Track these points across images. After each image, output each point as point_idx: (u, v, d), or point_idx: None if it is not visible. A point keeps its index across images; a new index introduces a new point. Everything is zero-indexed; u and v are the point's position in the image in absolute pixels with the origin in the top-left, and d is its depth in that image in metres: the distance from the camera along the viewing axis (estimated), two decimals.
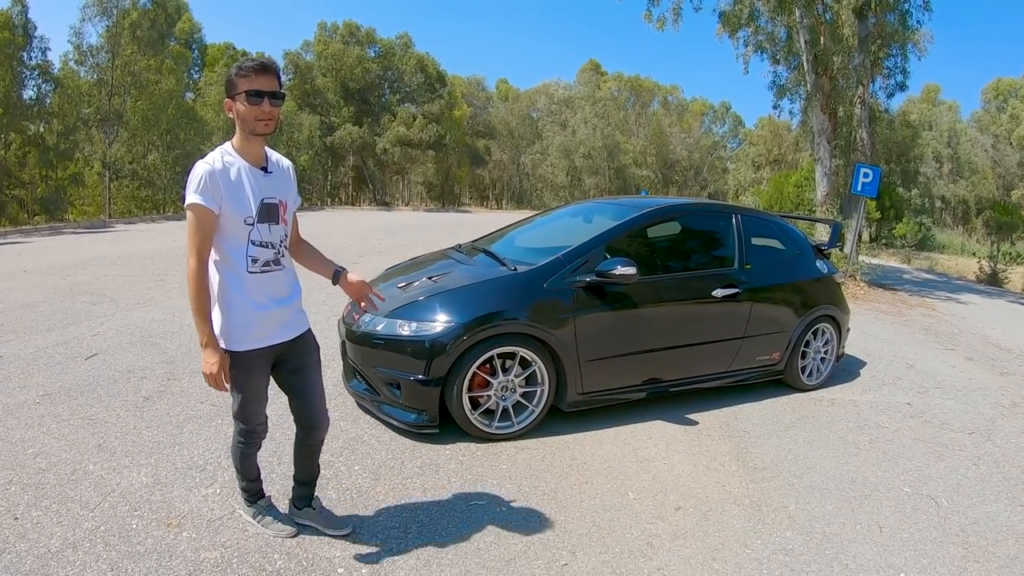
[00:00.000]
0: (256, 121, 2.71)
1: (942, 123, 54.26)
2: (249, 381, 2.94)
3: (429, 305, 4.52)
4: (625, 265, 4.56)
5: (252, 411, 3.02)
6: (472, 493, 3.82)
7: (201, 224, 2.67)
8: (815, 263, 6.21)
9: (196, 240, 2.68)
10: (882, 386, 6.57)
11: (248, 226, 2.76)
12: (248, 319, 2.83)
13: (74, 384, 5.02)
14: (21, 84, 25.52)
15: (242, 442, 3.10)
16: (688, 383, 5.41)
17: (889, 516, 3.91)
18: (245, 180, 2.77)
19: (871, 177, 12.88)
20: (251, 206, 2.76)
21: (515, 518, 3.57)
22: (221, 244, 2.76)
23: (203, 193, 2.63)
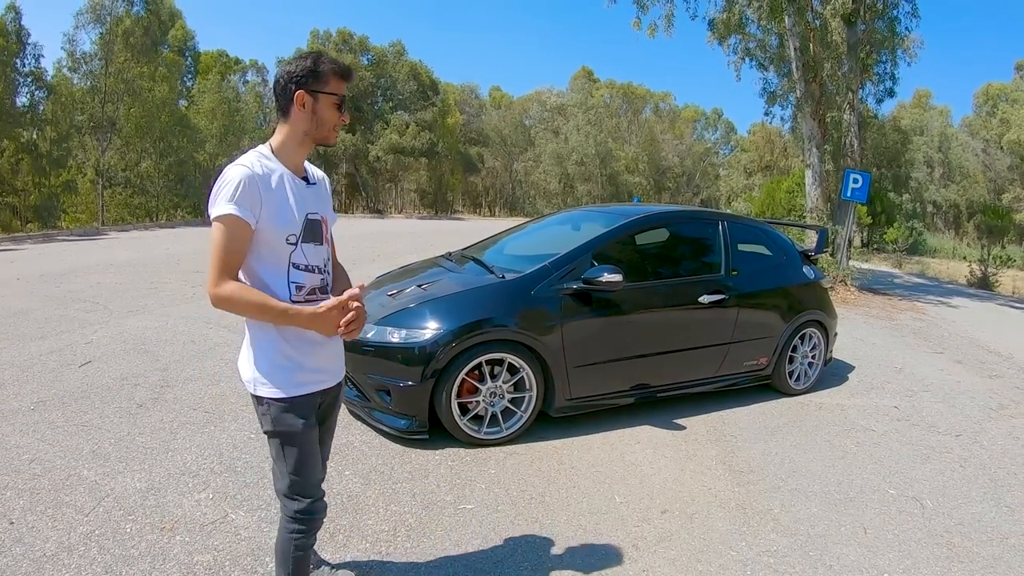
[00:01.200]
0: (331, 130, 2.35)
1: (933, 128, 54.41)
2: (305, 433, 2.38)
3: (418, 312, 4.58)
4: (612, 272, 4.61)
5: (310, 475, 2.43)
6: (461, 497, 3.85)
7: (233, 239, 2.15)
8: (802, 269, 6.28)
9: (224, 259, 2.15)
10: (870, 390, 6.62)
11: (290, 246, 2.29)
12: (294, 357, 2.34)
13: (68, 391, 5.05)
14: (14, 91, 25.40)
15: (300, 531, 2.44)
16: (676, 388, 5.46)
17: (874, 518, 3.96)
18: (288, 190, 2.30)
19: (861, 183, 12.94)
20: (296, 221, 2.30)
21: (503, 522, 3.61)
22: (256, 269, 2.27)
23: (240, 203, 2.13)
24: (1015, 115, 50.90)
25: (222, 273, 2.15)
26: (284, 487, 2.41)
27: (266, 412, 2.34)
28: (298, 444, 2.38)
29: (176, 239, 17.57)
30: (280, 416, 2.33)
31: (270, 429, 2.36)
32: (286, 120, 2.31)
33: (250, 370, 2.34)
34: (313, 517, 2.47)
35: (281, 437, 2.36)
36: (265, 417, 2.36)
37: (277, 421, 2.34)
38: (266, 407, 2.34)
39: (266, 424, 2.36)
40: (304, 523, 2.44)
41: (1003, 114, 52.62)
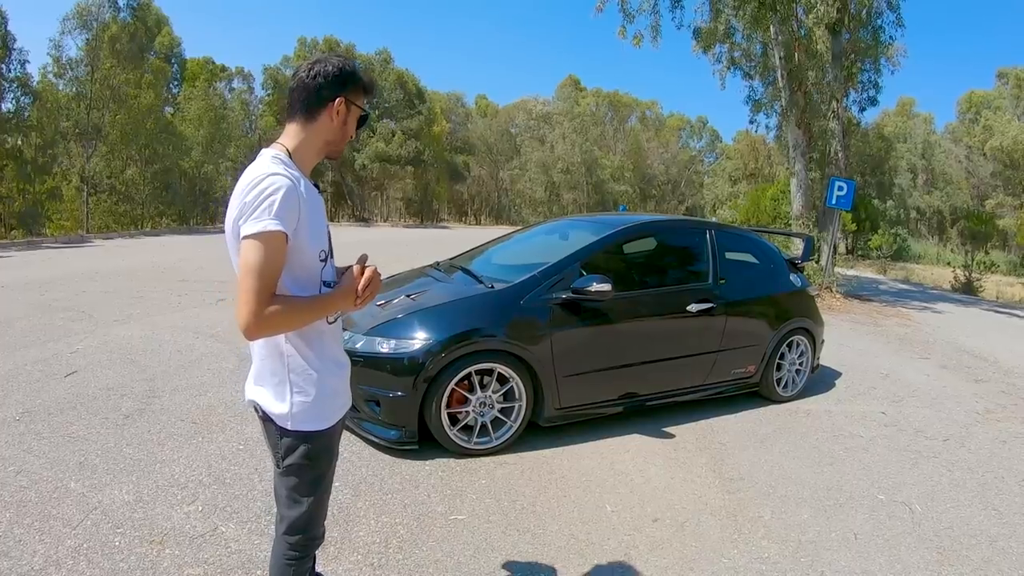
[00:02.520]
0: (344, 143, 2.23)
1: (917, 135, 54.92)
2: (330, 468, 2.32)
3: (408, 323, 4.57)
4: (600, 282, 4.63)
5: (321, 509, 2.36)
6: (452, 508, 3.84)
7: (276, 259, 1.92)
8: (789, 277, 6.32)
9: (266, 282, 1.90)
10: (857, 396, 6.66)
11: (321, 263, 2.13)
12: (333, 385, 2.23)
13: (54, 402, 5.01)
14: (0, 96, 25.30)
15: (297, 557, 2.33)
16: (665, 397, 5.48)
17: (864, 523, 3.98)
18: (317, 201, 2.13)
19: (845, 190, 13.03)
20: (324, 236, 2.14)
21: (494, 532, 3.61)
22: (289, 290, 2.04)
23: (285, 218, 1.91)
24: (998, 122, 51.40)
25: (266, 295, 1.90)
26: (298, 518, 2.26)
27: (300, 446, 2.17)
28: (328, 474, 2.31)
29: (162, 247, 17.50)
30: (318, 449, 2.21)
31: (302, 463, 2.19)
32: (309, 123, 2.12)
33: (286, 405, 2.13)
34: (314, 543, 2.40)
35: (315, 470, 2.23)
36: (296, 452, 2.17)
37: (315, 454, 2.20)
38: (300, 441, 2.17)
39: (296, 458, 2.18)
40: (304, 550, 2.35)
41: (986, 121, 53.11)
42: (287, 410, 2.15)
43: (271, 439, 2.23)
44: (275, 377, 2.16)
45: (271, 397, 2.17)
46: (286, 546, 2.33)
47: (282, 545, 2.34)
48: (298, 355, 2.15)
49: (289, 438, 2.18)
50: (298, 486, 2.24)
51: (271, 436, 2.23)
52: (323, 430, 2.21)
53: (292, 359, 2.15)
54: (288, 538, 2.31)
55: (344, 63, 2.15)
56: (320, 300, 2.09)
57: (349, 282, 2.14)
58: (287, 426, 2.16)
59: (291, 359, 2.15)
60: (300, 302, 2.03)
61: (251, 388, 2.25)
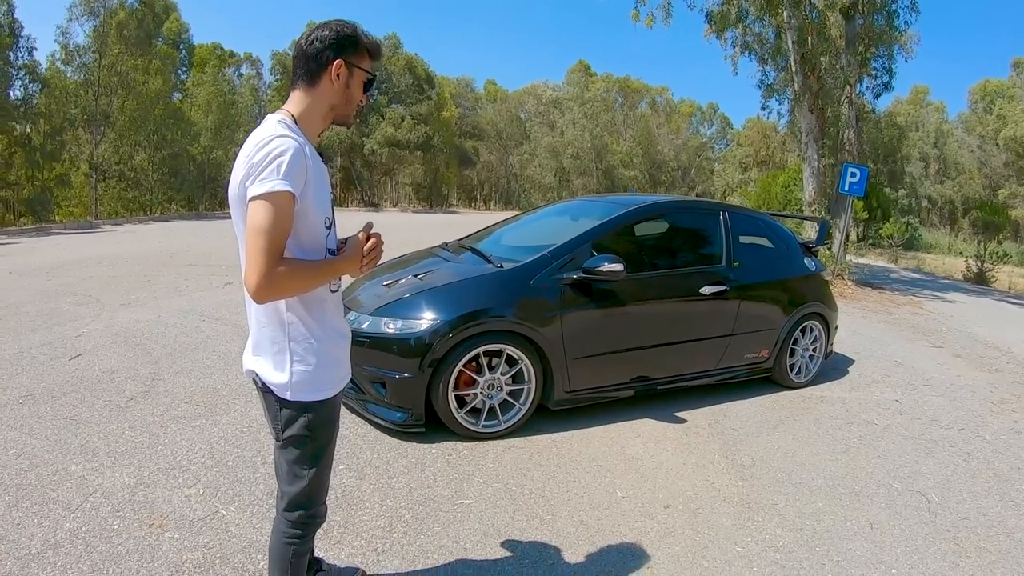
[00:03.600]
0: (351, 108, 2.20)
1: (929, 124, 54.42)
2: (331, 441, 2.31)
3: (414, 303, 4.49)
4: (612, 262, 4.54)
5: (323, 484, 2.34)
6: (458, 492, 3.78)
7: (285, 219, 1.90)
8: (803, 260, 6.21)
9: (277, 242, 1.88)
10: (871, 383, 6.57)
11: (327, 230, 2.12)
12: (334, 354, 2.22)
13: (57, 385, 4.95)
14: (7, 84, 25.20)
15: (299, 536, 2.30)
16: (676, 381, 5.40)
17: (880, 512, 3.90)
18: (322, 169, 2.10)
19: (859, 177, 12.91)
20: (328, 203, 2.14)
21: (502, 517, 3.54)
22: (295, 256, 2.03)
23: (293, 179, 1.90)
24: (1012, 111, 50.93)
25: (275, 256, 1.87)
26: (299, 493, 2.24)
27: (300, 417, 2.15)
28: (329, 447, 2.29)
29: (170, 232, 17.46)
30: (319, 420, 2.18)
31: (302, 434, 2.16)
32: (312, 89, 2.10)
33: (285, 374, 2.10)
34: (316, 521, 2.35)
35: (316, 441, 2.21)
36: (297, 423, 2.15)
37: (316, 425, 2.18)
38: (300, 412, 2.14)
39: (296, 429, 2.15)
40: (305, 528, 2.32)
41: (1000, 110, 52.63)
42: (287, 379, 2.11)
43: (270, 411, 2.19)
44: (275, 346, 2.13)
45: (270, 367, 2.13)
46: (286, 524, 2.30)
47: (282, 523, 2.31)
48: (300, 323, 2.12)
49: (289, 409, 2.15)
50: (299, 458, 2.21)
51: (270, 408, 2.19)
52: (323, 400, 2.19)
53: (293, 327, 2.12)
54: (288, 515, 2.28)
55: (343, 27, 2.12)
56: (327, 263, 2.09)
57: (354, 246, 2.14)
58: (286, 396, 2.13)
59: (292, 327, 2.12)
60: (308, 264, 2.03)
61: (249, 358, 2.21)
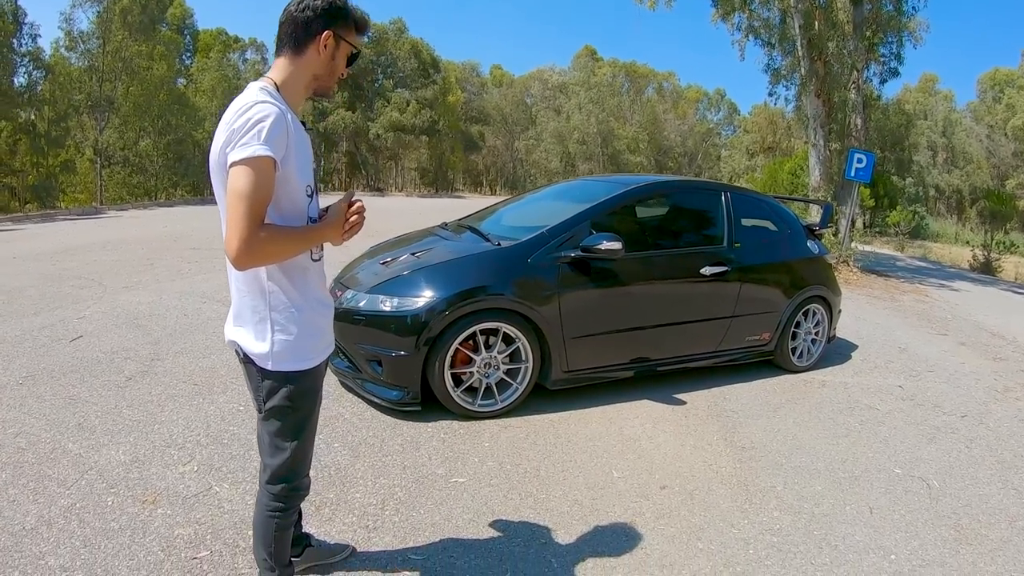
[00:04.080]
0: (333, 80, 2.17)
1: (937, 112, 54.08)
2: (314, 413, 2.27)
3: (411, 280, 4.45)
4: (611, 240, 4.49)
5: (310, 451, 2.32)
6: (452, 470, 3.76)
7: (266, 184, 1.87)
8: (806, 243, 6.15)
9: (258, 207, 1.85)
10: (874, 369, 6.52)
11: (308, 198, 2.10)
12: (316, 323, 2.19)
13: (57, 365, 4.94)
14: (11, 71, 25.22)
15: (282, 509, 2.28)
16: (676, 362, 5.35)
17: (880, 497, 3.86)
18: (304, 137, 2.09)
19: (865, 163, 12.83)
20: (310, 171, 2.12)
21: (495, 496, 3.52)
22: (276, 223, 2.01)
23: (274, 144, 1.87)
24: (1021, 101, 50.63)
25: (256, 221, 1.84)
26: (281, 465, 2.22)
27: (281, 388, 2.12)
28: (312, 418, 2.25)
29: (175, 218, 17.43)
30: (301, 391, 2.16)
31: (284, 405, 2.14)
32: (297, 57, 2.07)
33: (266, 344, 2.08)
34: (299, 494, 2.34)
35: (298, 413, 2.18)
36: (278, 394, 2.12)
37: (298, 396, 2.15)
38: (282, 382, 2.12)
39: (278, 400, 2.13)
40: (287, 501, 2.29)
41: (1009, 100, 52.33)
42: (267, 349, 2.09)
43: (252, 381, 2.17)
44: (256, 315, 2.10)
45: (251, 336, 2.11)
46: (269, 497, 2.28)
47: (265, 496, 2.29)
48: (281, 292, 2.10)
49: (270, 379, 2.12)
50: (281, 430, 2.19)
51: (252, 378, 2.16)
52: (306, 370, 2.15)
53: (274, 296, 2.10)
54: (271, 488, 2.26)
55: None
56: (308, 230, 2.07)
57: (336, 212, 2.12)
58: (268, 366, 2.10)
59: (273, 296, 2.10)
60: (289, 230, 2.00)
61: (231, 328, 2.19)
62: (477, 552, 3.03)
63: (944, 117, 54.32)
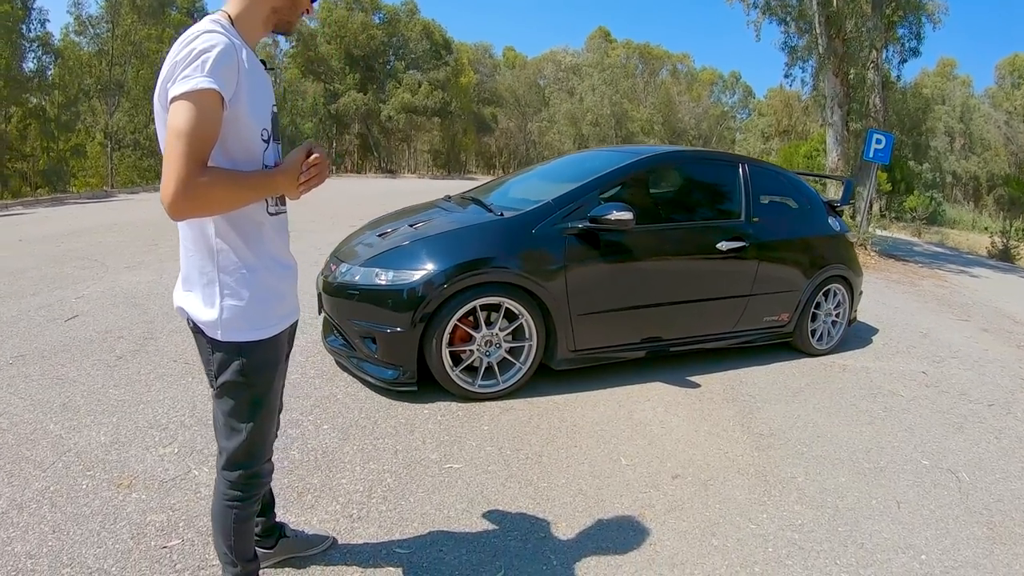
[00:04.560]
0: (295, 15, 1.95)
1: (955, 97, 53.53)
2: (273, 386, 2.00)
3: (408, 252, 4.21)
4: (621, 210, 4.22)
5: (270, 432, 2.07)
6: (448, 455, 3.52)
7: (209, 121, 1.61)
8: (827, 220, 5.87)
9: (199, 146, 1.60)
10: (896, 354, 6.26)
11: (264, 143, 1.84)
12: (272, 286, 1.93)
13: (49, 345, 4.78)
14: (21, 57, 25.39)
15: (240, 498, 2.05)
16: (690, 343, 5.11)
17: (907, 490, 3.60)
18: (262, 76, 1.84)
19: (884, 143, 12.64)
20: (267, 113, 1.86)
21: (493, 484, 3.28)
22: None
23: (220, 77, 1.62)
24: None
25: (196, 163, 1.58)
26: (237, 449, 1.98)
27: (234, 360, 1.87)
28: (269, 395, 2.00)
29: None
30: (256, 364, 1.91)
31: (236, 380, 1.89)
32: None
33: (215, 310, 1.84)
34: (259, 481, 2.08)
35: (253, 389, 1.93)
36: (231, 367, 1.88)
37: (252, 370, 1.90)
38: (234, 354, 1.87)
39: (230, 375, 1.89)
40: (246, 489, 2.05)
41: None
42: (216, 316, 1.84)
43: (203, 354, 1.94)
44: (203, 277, 1.86)
45: (199, 302, 1.87)
46: (226, 484, 2.06)
47: (222, 483, 2.05)
48: (230, 251, 1.85)
49: (221, 351, 1.88)
50: (234, 410, 1.94)
51: (203, 350, 1.93)
52: (259, 340, 1.90)
53: (223, 255, 1.84)
54: (227, 474, 2.03)
55: None
56: (258, 175, 1.79)
57: (293, 160, 1.83)
58: (217, 336, 1.86)
59: (222, 255, 1.85)
60: (235, 174, 1.74)
61: (179, 293, 1.95)
62: (469, 546, 2.79)
63: (962, 102, 53.88)
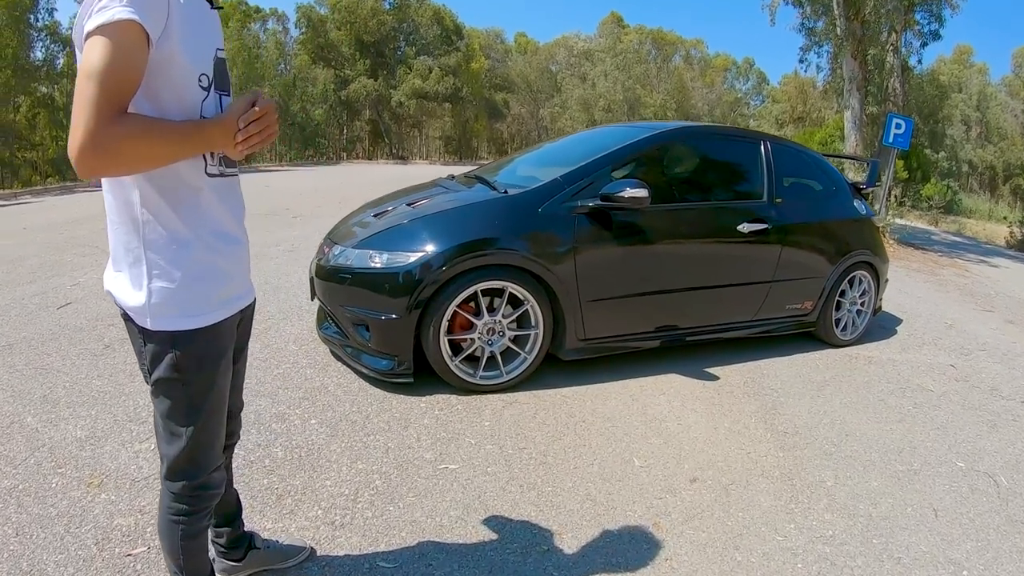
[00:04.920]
0: None
1: (972, 85, 52.92)
2: (215, 384, 1.68)
3: (404, 232, 3.92)
4: (635, 187, 3.89)
5: (216, 437, 1.75)
6: (444, 455, 3.24)
7: (124, 58, 1.31)
8: (852, 202, 5.56)
9: (114, 89, 1.30)
10: (922, 345, 5.97)
11: (203, 91, 1.51)
12: (211, 264, 1.61)
13: (38, 334, 4.56)
14: (29, 46, 25.30)
15: (186, 512, 1.75)
16: (708, 332, 4.81)
17: (944, 496, 3.30)
18: (203, 13, 1.55)
19: (903, 128, 12.31)
20: (208, 56, 1.54)
21: (492, 487, 3.00)
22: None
23: (142, 7, 1.32)
24: None
25: (109, 109, 1.29)
26: (178, 456, 1.69)
27: (168, 351, 1.57)
28: (211, 396, 1.68)
29: None
30: (192, 358, 1.60)
31: (170, 377, 1.60)
32: None
33: (142, 293, 1.54)
34: (207, 494, 1.78)
35: (190, 388, 1.62)
36: (164, 362, 1.58)
37: (187, 366, 1.60)
38: (166, 346, 1.57)
39: (164, 371, 1.59)
40: (192, 503, 1.75)
41: None
42: (143, 301, 1.54)
43: (135, 346, 1.63)
44: (129, 255, 1.55)
45: (127, 284, 1.57)
46: (170, 497, 1.76)
47: (166, 496, 1.76)
48: (156, 222, 1.53)
49: (153, 343, 1.58)
50: (172, 412, 1.65)
51: (135, 342, 1.62)
52: (196, 330, 1.59)
53: (149, 228, 1.53)
54: (170, 485, 1.74)
55: None
56: (187, 126, 1.46)
57: (231, 109, 1.52)
58: (146, 324, 1.56)
59: (148, 228, 1.53)
60: (157, 124, 1.41)
61: (109, 274, 1.64)
62: (462, 559, 2.51)
63: (978, 91, 53.37)
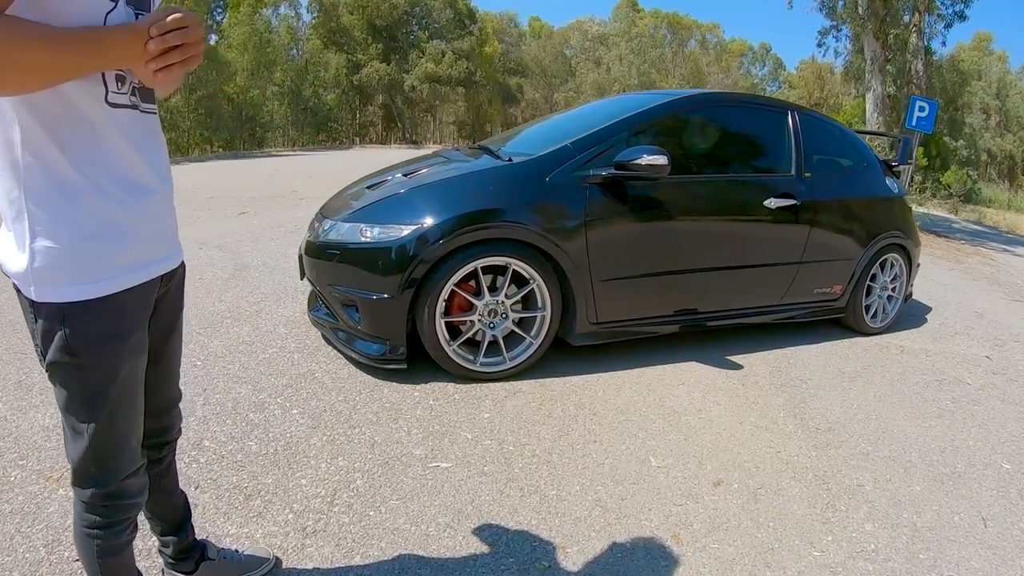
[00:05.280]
0: None
1: (991, 73, 52.26)
2: (120, 370, 1.34)
3: (397, 203, 3.59)
4: (653, 153, 3.54)
5: (120, 443, 1.42)
6: (435, 451, 2.91)
7: None
8: (884, 180, 5.21)
9: None
10: (954, 335, 5.63)
11: (110, 1, 1.17)
12: (115, 218, 1.27)
13: (21, 318, 4.21)
14: None
15: (100, 524, 1.46)
16: (731, 316, 4.48)
17: (992, 504, 2.97)
18: None
19: (927, 111, 12.10)
20: None
21: (487, 490, 2.66)
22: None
23: None
24: None
25: None
26: (81, 458, 1.38)
27: (58, 328, 1.25)
28: (115, 385, 1.35)
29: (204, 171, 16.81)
30: (85, 336, 1.27)
31: (62, 360, 1.27)
32: None
33: (24, 256, 1.21)
34: (122, 504, 1.47)
35: (85, 374, 1.30)
36: (55, 337, 1.25)
37: (80, 347, 1.27)
38: (55, 322, 1.25)
39: (55, 352, 1.26)
40: (106, 513, 1.45)
41: None
42: (25, 265, 1.20)
43: (27, 320, 1.29)
44: (12, 207, 1.20)
45: (12, 244, 1.22)
46: (81, 507, 1.45)
47: (77, 504, 1.47)
48: (39, 165, 1.17)
49: (42, 318, 1.24)
50: (69, 404, 1.33)
51: (26, 317, 1.28)
52: (88, 301, 1.24)
53: (31, 172, 1.17)
54: (79, 492, 1.44)
55: None
56: (78, 33, 1.10)
57: (144, 19, 1.17)
58: (31, 295, 1.23)
59: (29, 173, 1.17)
60: (38, 27, 1.06)
61: None
62: None
63: (998, 79, 52.73)
